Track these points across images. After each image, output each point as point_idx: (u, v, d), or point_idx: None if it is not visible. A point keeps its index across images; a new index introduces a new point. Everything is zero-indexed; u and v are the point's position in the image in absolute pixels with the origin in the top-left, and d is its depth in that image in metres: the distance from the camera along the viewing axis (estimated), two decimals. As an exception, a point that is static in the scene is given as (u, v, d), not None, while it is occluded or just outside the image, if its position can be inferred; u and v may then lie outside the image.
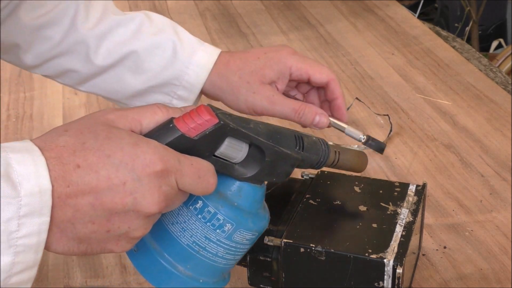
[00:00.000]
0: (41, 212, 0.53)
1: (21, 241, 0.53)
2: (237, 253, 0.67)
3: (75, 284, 0.90)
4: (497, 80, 1.33)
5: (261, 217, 0.68)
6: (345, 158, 0.77)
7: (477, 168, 1.08)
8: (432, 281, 0.87)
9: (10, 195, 0.52)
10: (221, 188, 0.65)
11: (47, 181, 0.53)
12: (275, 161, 0.66)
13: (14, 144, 0.55)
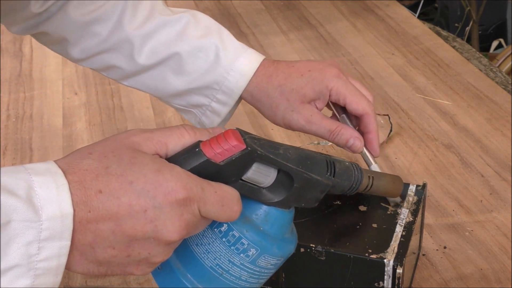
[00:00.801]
0: (61, 236, 0.53)
1: (41, 264, 0.53)
2: (261, 277, 0.65)
3: (75, 284, 0.90)
4: (497, 80, 1.33)
5: (287, 242, 0.66)
6: (379, 183, 0.75)
7: (477, 168, 1.08)
8: (432, 281, 0.87)
9: (32, 219, 0.52)
10: (247, 212, 0.63)
11: (69, 206, 0.53)
12: (304, 187, 0.64)
13: (38, 166, 0.55)
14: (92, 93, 1.40)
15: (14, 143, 1.25)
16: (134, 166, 0.56)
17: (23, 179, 0.53)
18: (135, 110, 1.32)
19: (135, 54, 0.93)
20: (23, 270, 0.52)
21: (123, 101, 1.36)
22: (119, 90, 1.40)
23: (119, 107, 1.34)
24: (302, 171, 0.63)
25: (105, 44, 0.94)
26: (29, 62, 1.55)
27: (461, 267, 0.89)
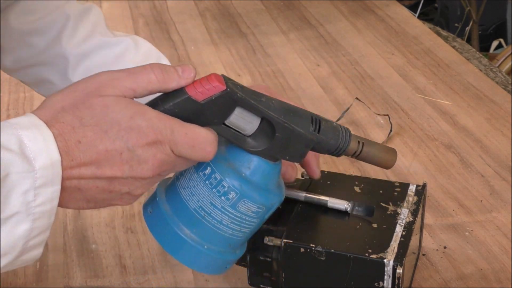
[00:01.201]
0: (53, 182, 0.60)
1: (37, 209, 0.59)
2: (243, 224, 0.67)
3: (75, 284, 0.90)
4: (497, 80, 1.33)
5: (270, 192, 0.68)
6: (370, 150, 0.74)
7: (477, 168, 1.08)
8: (432, 281, 0.87)
9: (27, 170, 0.58)
10: (231, 157, 0.66)
11: (57, 154, 0.59)
12: (287, 138, 0.66)
13: (22, 120, 0.60)
14: (92, 93, 1.40)
15: (14, 143, 1.25)
16: (107, 115, 0.61)
17: (13, 134, 0.59)
18: (135, 110, 1.32)
19: (69, 72, 0.92)
20: (23, 216, 0.59)
21: (123, 101, 1.36)
22: (119, 90, 1.40)
23: (119, 107, 1.34)
24: (284, 121, 0.66)
25: (41, 57, 0.93)
26: (29, 62, 1.55)
27: (461, 267, 0.89)
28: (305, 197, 0.81)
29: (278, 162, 0.68)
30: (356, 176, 0.92)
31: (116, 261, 0.94)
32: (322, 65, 1.45)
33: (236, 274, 0.89)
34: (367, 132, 1.20)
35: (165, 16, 1.76)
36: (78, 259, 0.94)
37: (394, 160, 0.77)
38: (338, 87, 1.36)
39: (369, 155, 0.74)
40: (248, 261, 0.81)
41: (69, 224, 1.01)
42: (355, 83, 1.37)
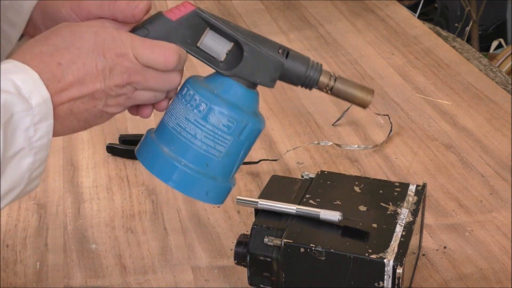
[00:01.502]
0: (47, 117, 0.66)
1: (37, 143, 0.66)
2: (216, 140, 0.72)
3: (75, 284, 0.90)
4: (497, 80, 1.33)
5: (241, 111, 0.72)
6: (343, 86, 0.75)
7: (477, 168, 1.08)
8: (432, 281, 0.87)
9: (26, 108, 0.64)
10: (206, 80, 0.73)
11: (46, 92, 0.66)
12: (255, 59, 0.72)
13: (7, 66, 0.66)
14: (92, 93, 1.40)
15: (14, 143, 1.25)
16: (76, 36, 0.69)
17: (7, 79, 0.65)
18: (135, 110, 1.32)
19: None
20: (27, 151, 0.65)
21: (123, 101, 1.36)
22: (119, 90, 1.40)
23: (119, 107, 1.34)
24: (251, 41, 0.72)
25: None
26: (29, 62, 1.55)
27: (461, 267, 0.89)
28: (297, 210, 0.81)
29: (254, 90, 0.74)
30: (356, 176, 0.92)
31: (116, 261, 0.94)
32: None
33: (236, 274, 0.89)
34: (367, 132, 1.20)
35: (165, 16, 1.76)
36: (78, 259, 0.94)
37: (370, 98, 0.76)
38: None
39: (343, 91, 0.75)
40: (248, 261, 0.81)
41: (69, 224, 1.01)
42: (355, 83, 1.37)
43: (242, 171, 1.11)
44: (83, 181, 1.12)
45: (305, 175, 0.89)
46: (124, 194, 1.07)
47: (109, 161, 1.16)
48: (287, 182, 0.90)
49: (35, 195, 1.09)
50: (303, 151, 1.15)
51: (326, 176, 0.89)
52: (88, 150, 1.20)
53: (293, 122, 1.24)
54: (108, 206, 1.04)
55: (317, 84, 0.74)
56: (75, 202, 1.06)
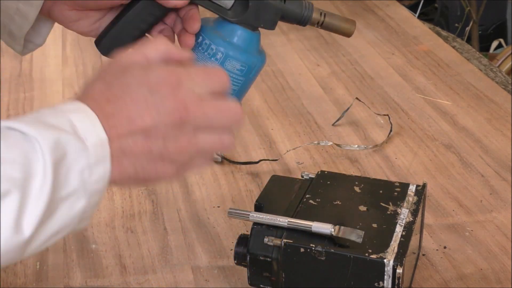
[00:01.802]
0: (104, 160, 0.63)
1: (92, 186, 0.63)
2: (232, 81, 0.79)
3: (75, 284, 0.90)
4: (497, 80, 1.33)
5: (250, 53, 0.81)
6: (331, 21, 0.85)
7: (477, 168, 1.08)
8: (432, 281, 0.87)
9: (81, 148, 0.62)
10: (217, 27, 0.81)
11: (103, 133, 0.63)
12: (258, 7, 0.80)
13: (67, 106, 0.64)
14: (92, 93, 1.40)
15: (14, 143, 1.25)
16: (126, 72, 0.66)
17: (64, 118, 0.63)
18: (135, 110, 1.32)
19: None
20: (80, 193, 0.62)
21: (123, 101, 1.36)
22: (119, 90, 1.40)
23: (119, 107, 1.34)
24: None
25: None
26: (29, 62, 1.55)
27: (461, 267, 0.89)
28: (288, 223, 0.80)
29: (257, 32, 0.82)
30: (356, 176, 0.92)
31: (116, 261, 0.94)
32: (322, 65, 1.45)
33: (236, 274, 0.89)
34: (367, 132, 1.20)
35: (165, 16, 1.76)
36: (78, 259, 0.94)
37: (353, 29, 0.89)
38: (338, 87, 1.36)
39: (331, 25, 0.85)
40: (248, 261, 0.81)
41: (69, 224, 1.01)
42: (355, 83, 1.37)
43: (242, 171, 1.11)
44: (83, 181, 1.12)
45: (305, 175, 0.89)
46: (124, 194, 1.07)
47: (109, 161, 1.16)
48: (287, 182, 0.90)
49: (35, 195, 1.09)
50: (303, 151, 1.15)
51: (326, 176, 0.89)
52: (88, 150, 1.20)
53: (293, 122, 1.24)
54: (108, 206, 1.04)
55: (310, 21, 0.83)
56: (75, 202, 1.06)
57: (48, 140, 0.60)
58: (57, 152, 0.60)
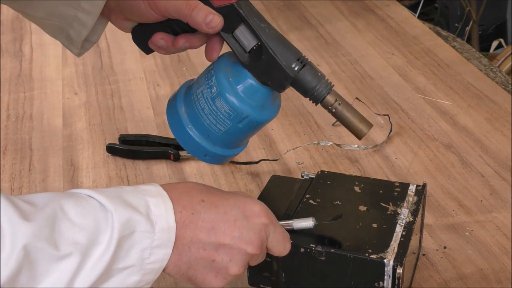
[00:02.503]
0: (167, 245, 0.67)
1: (149, 266, 0.67)
2: (218, 120, 0.79)
3: (75, 284, 0.90)
4: (497, 80, 1.33)
5: (244, 103, 0.78)
6: (344, 111, 0.79)
7: (477, 168, 1.08)
8: (432, 281, 0.87)
9: (149, 231, 0.66)
10: (231, 65, 0.79)
11: (174, 221, 0.68)
12: (270, 65, 0.77)
13: (149, 188, 0.69)
14: (92, 93, 1.40)
15: (14, 143, 1.25)
16: (232, 193, 0.73)
17: (142, 199, 0.67)
18: (135, 110, 1.32)
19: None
20: (136, 269, 0.66)
21: (123, 101, 1.36)
22: (119, 90, 1.40)
23: (119, 107, 1.34)
24: (271, 48, 0.77)
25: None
26: (29, 62, 1.55)
27: (461, 267, 0.89)
28: None
29: (265, 88, 0.79)
30: (356, 176, 0.92)
31: (116, 261, 0.93)
32: (322, 65, 1.45)
33: (236, 274, 0.89)
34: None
35: (165, 16, 1.76)
36: (78, 259, 0.94)
37: (365, 132, 0.80)
38: (338, 87, 1.36)
39: (343, 116, 0.79)
40: (248, 261, 0.81)
41: (69, 224, 1.01)
42: (355, 83, 1.37)
43: (242, 171, 1.11)
44: (83, 181, 1.12)
45: (305, 175, 0.89)
46: (124, 194, 1.07)
47: (109, 161, 1.16)
48: (287, 182, 0.90)
49: (35, 195, 1.09)
50: (303, 151, 1.15)
51: (326, 176, 0.89)
52: (88, 150, 1.20)
53: (293, 122, 1.24)
54: (108, 206, 1.04)
55: (322, 102, 0.79)
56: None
57: (121, 216, 0.65)
58: (126, 229, 0.65)
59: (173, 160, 1.14)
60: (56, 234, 0.62)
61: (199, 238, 0.69)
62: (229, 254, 0.70)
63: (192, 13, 0.80)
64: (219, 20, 0.79)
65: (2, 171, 1.16)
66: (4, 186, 1.12)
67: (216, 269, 0.70)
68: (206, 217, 0.69)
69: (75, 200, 0.66)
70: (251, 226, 0.70)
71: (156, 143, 1.18)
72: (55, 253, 0.61)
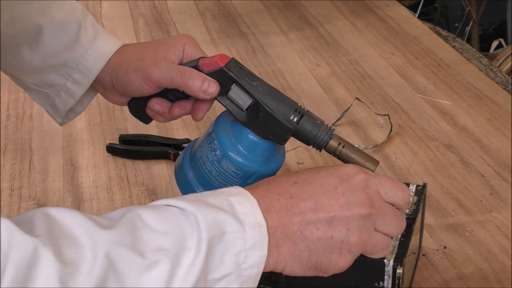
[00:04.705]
0: (261, 246, 0.62)
1: (246, 272, 0.61)
2: (227, 180, 0.79)
3: (75, 284, 0.90)
4: (497, 80, 1.33)
5: (249, 160, 0.78)
6: (349, 153, 0.79)
7: (477, 168, 1.08)
8: (432, 281, 0.87)
9: (239, 230, 0.61)
10: (229, 126, 0.79)
11: (262, 219, 0.63)
12: (268, 121, 0.77)
13: (229, 189, 0.65)
14: (92, 93, 1.40)
15: (14, 143, 1.25)
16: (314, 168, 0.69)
17: (224, 199, 0.63)
18: (135, 110, 1.32)
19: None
20: (234, 277, 0.61)
21: (123, 101, 1.36)
22: (119, 90, 1.40)
23: (119, 107, 1.34)
24: (267, 105, 0.77)
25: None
26: (29, 62, 1.55)
27: (461, 267, 0.89)
28: None
29: (267, 142, 0.79)
30: (356, 176, 0.91)
31: (116, 261, 0.93)
32: (322, 65, 1.45)
33: (236, 274, 0.89)
34: (367, 132, 1.20)
35: (165, 16, 1.76)
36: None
37: (373, 170, 0.79)
38: (338, 87, 1.36)
39: (349, 158, 0.79)
40: (248, 261, 0.81)
41: (69, 224, 1.01)
42: (355, 83, 1.37)
43: (242, 171, 1.11)
44: (83, 181, 1.12)
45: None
46: (124, 194, 1.07)
47: (109, 161, 1.16)
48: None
49: (35, 195, 1.09)
50: (303, 151, 1.15)
51: (326, 176, 0.88)
52: (88, 150, 1.20)
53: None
54: (108, 206, 1.04)
55: (326, 147, 0.79)
56: (75, 202, 1.06)
57: (206, 217, 0.60)
58: (214, 230, 0.60)
59: (173, 160, 1.14)
60: (138, 242, 0.57)
61: (308, 219, 0.64)
62: (343, 224, 0.65)
63: (188, 81, 0.81)
64: (215, 86, 0.80)
65: (2, 171, 1.16)
66: (4, 186, 1.12)
67: (338, 245, 0.65)
68: (306, 196, 0.65)
69: (152, 208, 0.61)
70: (353, 187, 0.66)
71: (156, 143, 1.18)
72: (141, 261, 0.56)
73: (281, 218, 0.64)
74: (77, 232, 0.56)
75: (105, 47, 0.89)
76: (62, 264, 0.53)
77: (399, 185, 0.69)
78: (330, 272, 0.66)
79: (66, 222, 0.57)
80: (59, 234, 0.56)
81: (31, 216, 0.57)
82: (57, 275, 0.53)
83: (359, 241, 0.65)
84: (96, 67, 0.89)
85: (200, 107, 0.84)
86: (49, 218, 0.57)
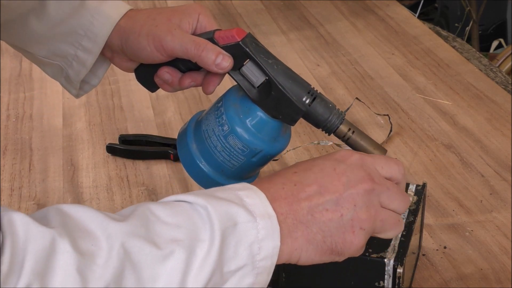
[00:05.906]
0: (273, 237, 0.62)
1: (260, 263, 0.61)
2: (232, 156, 0.79)
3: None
4: (497, 80, 1.33)
5: (256, 138, 0.78)
6: (358, 140, 0.79)
7: (477, 168, 1.08)
8: (432, 281, 0.87)
9: (250, 220, 0.61)
10: (239, 102, 0.79)
11: (271, 209, 0.63)
12: (279, 99, 0.77)
13: (235, 185, 0.66)
14: (92, 93, 1.40)
15: (14, 143, 1.25)
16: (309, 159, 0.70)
17: (232, 193, 0.63)
18: (135, 110, 1.32)
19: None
20: (249, 269, 0.61)
21: (123, 101, 1.36)
22: (119, 90, 1.40)
23: (119, 107, 1.34)
24: (280, 83, 0.77)
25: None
26: (29, 62, 1.54)
27: (461, 267, 0.89)
28: None
29: (276, 121, 0.78)
30: (356, 176, 0.91)
31: (116, 261, 0.93)
32: (322, 65, 1.45)
33: (236, 274, 0.89)
34: (367, 132, 1.20)
35: (165, 16, 1.76)
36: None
37: None
38: (338, 87, 1.36)
39: (358, 145, 0.79)
40: (248, 261, 0.81)
41: (69, 224, 1.01)
42: (355, 83, 1.37)
43: (242, 171, 1.11)
44: (83, 181, 1.12)
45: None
46: (124, 194, 1.07)
47: (109, 161, 1.16)
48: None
49: (35, 195, 1.09)
50: (303, 151, 1.15)
51: (326, 176, 0.88)
52: (88, 150, 1.20)
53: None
54: (108, 206, 1.04)
55: (335, 132, 0.79)
56: (75, 202, 1.06)
57: (217, 209, 0.60)
58: (226, 221, 0.60)
59: (173, 160, 1.14)
60: (152, 234, 0.58)
61: (316, 202, 0.65)
62: (350, 201, 0.66)
63: (202, 53, 0.79)
64: (229, 61, 0.79)
65: (2, 171, 1.16)
66: (4, 186, 1.12)
67: (349, 223, 0.65)
68: (309, 181, 0.66)
69: (163, 204, 0.62)
70: (351, 166, 0.67)
71: (156, 143, 1.18)
72: (157, 252, 0.57)
73: (289, 205, 0.64)
74: (92, 225, 0.56)
75: (111, 11, 0.87)
76: (80, 255, 0.54)
77: (392, 159, 0.71)
78: (346, 253, 0.66)
79: (79, 216, 0.57)
80: (74, 227, 0.56)
81: (44, 212, 0.58)
82: (75, 266, 0.54)
83: (368, 216, 0.66)
84: (104, 32, 0.87)
85: (211, 80, 0.83)
86: (63, 213, 0.57)
